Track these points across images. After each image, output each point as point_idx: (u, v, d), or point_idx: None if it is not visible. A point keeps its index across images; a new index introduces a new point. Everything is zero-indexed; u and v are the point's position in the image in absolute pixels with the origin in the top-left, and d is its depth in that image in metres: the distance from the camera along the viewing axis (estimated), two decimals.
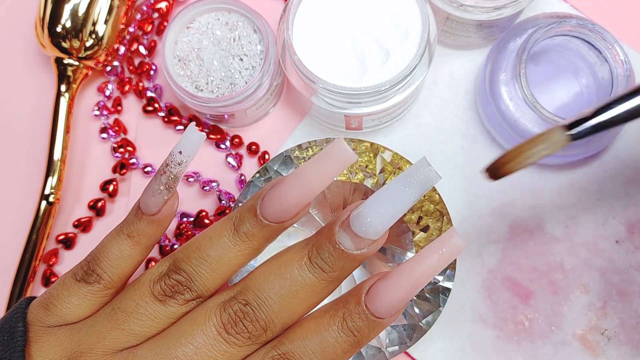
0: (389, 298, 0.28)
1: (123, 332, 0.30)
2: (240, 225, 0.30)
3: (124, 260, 0.31)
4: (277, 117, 0.46)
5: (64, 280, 0.32)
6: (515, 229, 0.44)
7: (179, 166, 0.30)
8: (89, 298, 0.31)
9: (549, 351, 0.43)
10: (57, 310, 0.31)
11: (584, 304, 0.43)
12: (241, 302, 0.29)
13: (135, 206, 0.32)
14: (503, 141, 0.44)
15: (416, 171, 0.27)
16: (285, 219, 0.30)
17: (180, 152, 0.30)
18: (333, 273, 0.29)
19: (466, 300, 0.43)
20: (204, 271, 0.30)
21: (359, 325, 0.29)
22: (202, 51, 0.42)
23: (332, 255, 0.29)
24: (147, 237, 0.32)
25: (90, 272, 0.31)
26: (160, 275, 0.30)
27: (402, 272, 0.28)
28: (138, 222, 0.31)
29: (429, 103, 0.46)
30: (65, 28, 0.43)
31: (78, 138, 0.46)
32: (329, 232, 0.29)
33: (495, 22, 0.42)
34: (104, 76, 0.47)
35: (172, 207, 0.32)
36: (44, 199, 0.43)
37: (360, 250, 0.29)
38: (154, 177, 0.31)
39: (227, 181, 0.46)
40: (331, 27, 0.40)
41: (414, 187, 0.27)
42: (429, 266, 0.28)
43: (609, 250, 0.44)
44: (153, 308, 0.30)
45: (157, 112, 0.46)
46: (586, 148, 0.41)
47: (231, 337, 0.29)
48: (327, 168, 0.28)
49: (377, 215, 0.28)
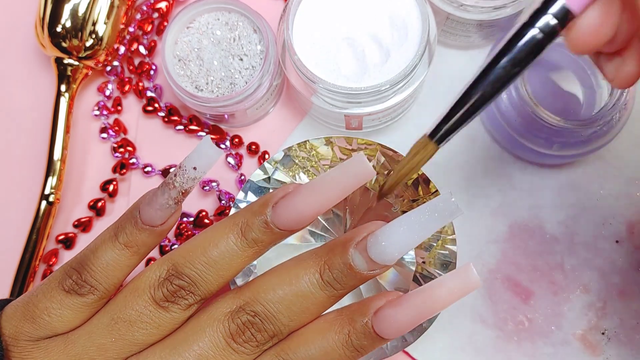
0: (396, 325, 0.29)
1: (126, 343, 0.29)
2: (248, 232, 0.29)
3: (120, 270, 0.30)
4: (277, 117, 0.46)
5: (50, 291, 0.30)
6: (515, 229, 0.44)
7: (192, 181, 0.29)
8: (83, 310, 0.30)
9: (549, 351, 0.43)
10: (45, 323, 0.29)
11: (584, 304, 0.43)
12: (249, 313, 0.29)
13: (134, 214, 0.30)
14: (503, 141, 0.44)
15: (439, 205, 0.28)
16: (296, 228, 0.30)
17: (195, 167, 0.29)
18: (343, 290, 0.29)
19: (466, 300, 0.43)
20: (208, 275, 0.29)
21: (363, 343, 0.29)
22: (202, 51, 0.42)
23: (345, 275, 0.29)
24: (146, 247, 0.30)
25: (82, 284, 0.29)
26: (159, 280, 0.29)
27: (413, 302, 0.29)
28: (138, 233, 0.30)
29: (429, 103, 0.46)
30: (65, 28, 0.43)
31: (78, 138, 0.46)
32: (343, 251, 0.29)
33: (495, 22, 0.42)
34: (104, 76, 0.47)
35: (175, 218, 0.31)
36: (44, 199, 0.43)
37: (372, 271, 0.29)
38: (160, 189, 0.30)
39: (227, 181, 0.46)
40: (331, 27, 0.40)
41: (435, 221, 0.28)
42: (441, 300, 0.28)
43: (609, 250, 0.44)
44: (157, 316, 0.29)
45: (157, 112, 0.46)
46: (586, 148, 0.41)
47: (239, 346, 0.29)
48: (346, 182, 0.28)
49: (395, 244, 0.28)
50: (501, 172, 0.45)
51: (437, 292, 0.28)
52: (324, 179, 0.29)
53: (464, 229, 0.44)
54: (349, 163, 0.28)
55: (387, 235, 0.28)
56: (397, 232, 0.28)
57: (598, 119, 0.39)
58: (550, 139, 0.41)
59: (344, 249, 0.29)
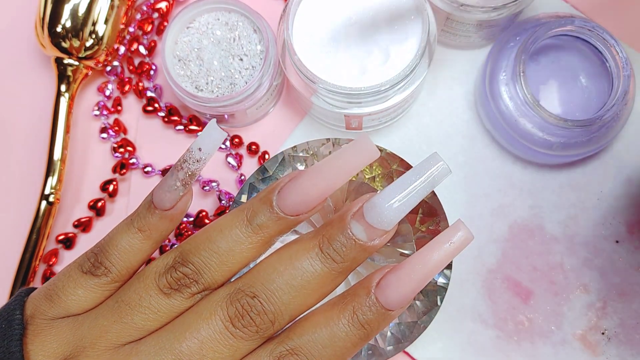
0: (400, 290, 0.28)
1: (125, 326, 0.29)
2: (254, 217, 0.29)
3: (133, 254, 0.31)
4: (277, 117, 0.46)
5: (69, 272, 0.31)
6: (515, 229, 0.44)
7: (197, 163, 0.30)
8: (95, 290, 0.30)
9: (549, 351, 0.43)
10: (61, 302, 0.30)
11: (584, 304, 0.43)
12: (249, 294, 0.28)
13: (148, 200, 0.31)
14: (503, 141, 0.44)
15: (429, 164, 0.28)
16: (302, 212, 0.29)
17: (200, 149, 0.30)
18: (344, 264, 0.29)
19: (466, 300, 0.43)
20: (213, 263, 0.29)
21: (370, 317, 0.29)
22: (202, 51, 0.42)
23: (345, 246, 0.29)
24: (159, 232, 0.31)
25: (98, 265, 0.30)
26: (166, 267, 0.30)
27: (413, 264, 0.29)
28: (150, 216, 0.31)
29: (428, 103, 0.46)
30: (65, 28, 0.43)
31: (78, 138, 0.46)
32: (341, 222, 0.29)
33: (495, 22, 0.42)
34: (104, 76, 0.47)
35: (185, 204, 0.31)
36: (44, 199, 0.43)
37: (372, 241, 0.29)
38: (169, 172, 0.30)
39: (227, 181, 0.46)
40: (331, 27, 0.40)
41: (426, 180, 0.28)
42: (439, 258, 0.28)
43: (609, 250, 0.44)
44: (157, 302, 0.29)
45: (157, 112, 0.46)
46: (586, 148, 0.41)
47: (238, 331, 0.28)
48: (351, 162, 0.29)
49: (391, 206, 0.29)
50: (501, 172, 0.45)
51: (435, 252, 0.29)
52: (329, 160, 0.29)
53: None
54: (354, 143, 0.28)
55: (383, 199, 0.29)
56: (392, 196, 0.29)
57: (598, 119, 0.39)
58: (550, 139, 0.41)
59: (342, 220, 0.29)
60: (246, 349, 0.29)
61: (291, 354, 0.28)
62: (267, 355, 0.28)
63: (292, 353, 0.28)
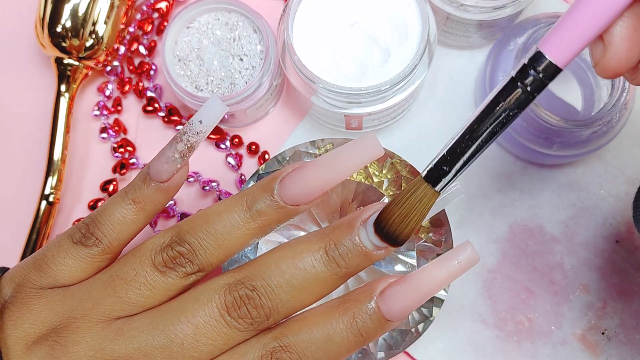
0: (403, 302, 0.29)
1: (119, 300, 0.29)
2: (253, 203, 0.29)
3: (126, 226, 0.31)
4: (277, 117, 0.46)
5: (60, 242, 0.30)
6: (515, 228, 0.44)
7: (197, 135, 0.30)
8: (86, 261, 0.30)
9: (549, 351, 0.43)
10: (50, 271, 0.30)
11: (583, 304, 0.43)
12: (248, 287, 0.29)
13: (144, 172, 0.31)
14: (503, 141, 0.44)
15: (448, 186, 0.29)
16: (302, 202, 0.29)
17: (201, 121, 0.30)
18: (347, 269, 0.29)
19: (466, 300, 0.43)
20: (208, 245, 0.29)
21: (368, 325, 0.29)
22: (202, 51, 0.42)
23: (350, 252, 0.29)
24: (153, 204, 0.31)
25: (89, 235, 0.30)
26: (162, 245, 0.29)
27: (419, 279, 0.29)
28: (145, 187, 0.31)
29: (428, 103, 0.46)
30: (65, 28, 0.43)
31: (78, 138, 0.46)
32: (349, 227, 0.29)
33: (495, 22, 0.42)
34: (104, 76, 0.47)
35: (182, 177, 0.31)
36: (44, 199, 0.43)
37: (378, 251, 0.29)
38: (168, 143, 0.30)
39: (227, 181, 0.46)
40: (331, 27, 0.40)
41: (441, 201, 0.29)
42: (444, 275, 0.29)
43: (609, 250, 0.44)
44: (152, 278, 0.29)
45: (157, 112, 0.46)
46: (586, 148, 0.41)
47: (233, 321, 0.28)
48: (355, 157, 0.29)
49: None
50: (501, 172, 0.45)
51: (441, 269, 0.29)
52: (334, 154, 0.29)
53: (464, 229, 0.44)
54: (360, 139, 0.28)
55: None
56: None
57: (598, 119, 0.39)
58: (550, 139, 0.41)
59: (351, 226, 0.29)
60: (238, 340, 0.29)
61: (284, 351, 0.28)
62: (261, 348, 0.28)
63: (286, 350, 0.28)
